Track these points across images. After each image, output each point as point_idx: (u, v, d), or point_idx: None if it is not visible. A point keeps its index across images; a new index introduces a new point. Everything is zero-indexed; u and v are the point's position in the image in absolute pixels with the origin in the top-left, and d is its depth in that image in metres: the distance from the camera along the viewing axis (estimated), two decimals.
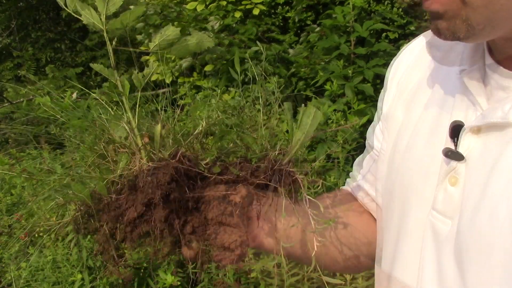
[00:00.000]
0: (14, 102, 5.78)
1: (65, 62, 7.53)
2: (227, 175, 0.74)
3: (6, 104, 5.81)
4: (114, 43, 0.68)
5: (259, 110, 0.83)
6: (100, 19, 0.67)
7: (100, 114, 0.70)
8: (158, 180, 0.67)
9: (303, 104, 0.78)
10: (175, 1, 4.73)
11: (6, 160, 4.22)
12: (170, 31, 0.78)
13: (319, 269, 0.76)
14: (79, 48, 7.28)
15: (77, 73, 6.82)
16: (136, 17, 0.68)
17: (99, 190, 0.67)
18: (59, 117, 0.75)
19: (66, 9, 0.70)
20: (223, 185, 0.74)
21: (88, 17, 0.67)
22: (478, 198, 0.67)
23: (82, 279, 2.91)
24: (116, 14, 0.68)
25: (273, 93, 0.87)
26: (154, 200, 0.68)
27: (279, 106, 0.86)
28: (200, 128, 0.73)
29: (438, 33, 0.69)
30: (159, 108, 0.75)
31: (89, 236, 3.09)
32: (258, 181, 0.75)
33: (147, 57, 4.74)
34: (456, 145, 0.72)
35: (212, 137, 0.78)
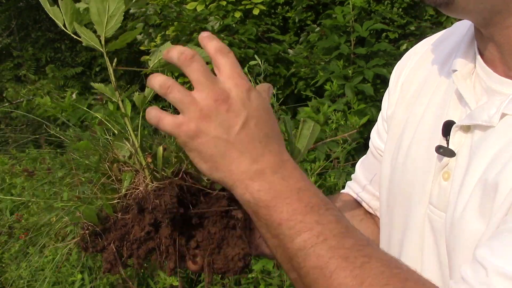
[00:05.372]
0: (14, 102, 5.78)
1: (65, 62, 7.51)
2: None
3: (6, 104, 5.80)
4: (114, 63, 0.69)
5: None
6: (100, 41, 0.68)
7: (105, 134, 0.71)
8: (166, 204, 0.69)
9: (301, 112, 0.80)
10: (175, 1, 4.72)
11: (6, 160, 4.21)
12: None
13: None
14: (79, 48, 7.26)
15: (77, 73, 6.81)
16: (134, 37, 0.69)
17: (105, 209, 0.69)
18: (59, 116, 0.76)
19: (66, 30, 0.71)
20: (225, 200, 0.76)
21: (87, 39, 0.68)
22: (458, 192, 0.72)
23: (82, 279, 2.90)
24: (115, 35, 0.69)
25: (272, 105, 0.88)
26: (162, 223, 0.69)
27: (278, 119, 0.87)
28: None
29: None
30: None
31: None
32: None
33: (147, 57, 4.74)
34: (448, 142, 0.76)
35: None
